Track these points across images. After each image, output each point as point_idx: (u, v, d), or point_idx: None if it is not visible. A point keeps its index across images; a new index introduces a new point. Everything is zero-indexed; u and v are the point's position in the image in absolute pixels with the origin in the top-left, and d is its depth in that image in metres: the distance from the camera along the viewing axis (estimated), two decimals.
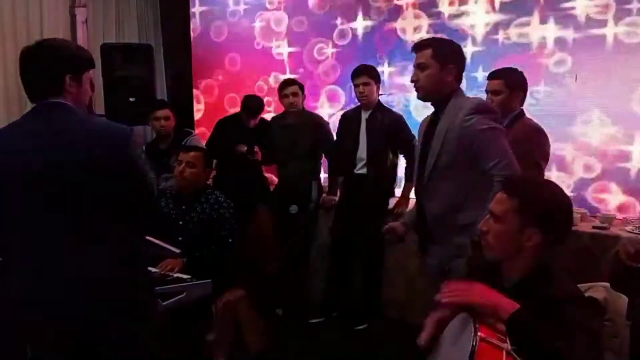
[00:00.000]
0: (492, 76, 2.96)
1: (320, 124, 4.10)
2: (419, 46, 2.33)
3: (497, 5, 3.91)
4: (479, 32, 3.98)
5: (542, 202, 1.56)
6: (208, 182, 3.27)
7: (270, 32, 4.91)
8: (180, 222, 3.06)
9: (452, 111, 2.25)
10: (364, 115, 3.73)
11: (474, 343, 1.33)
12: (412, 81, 2.32)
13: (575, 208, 3.36)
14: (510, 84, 2.88)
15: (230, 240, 3.05)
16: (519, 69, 2.98)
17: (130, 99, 4.42)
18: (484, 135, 2.15)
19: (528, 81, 2.99)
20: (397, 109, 4.08)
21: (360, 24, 4.47)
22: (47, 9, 4.70)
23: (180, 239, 2.99)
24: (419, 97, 2.35)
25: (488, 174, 2.13)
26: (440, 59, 2.25)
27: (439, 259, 2.37)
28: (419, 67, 2.28)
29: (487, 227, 1.63)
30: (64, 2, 4.91)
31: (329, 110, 4.66)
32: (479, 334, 1.35)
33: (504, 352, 1.34)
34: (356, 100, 3.80)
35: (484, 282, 1.54)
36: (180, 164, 3.08)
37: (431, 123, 2.37)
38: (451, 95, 2.29)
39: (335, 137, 4.01)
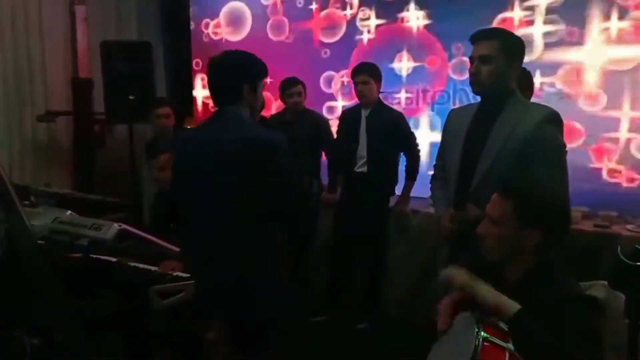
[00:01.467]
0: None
1: (319, 121, 4.09)
2: (483, 36, 2.13)
3: None
4: None
5: (538, 202, 1.54)
6: None
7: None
8: None
9: (515, 113, 2.08)
10: (364, 113, 3.72)
11: (477, 342, 1.32)
12: (471, 74, 2.12)
13: (576, 207, 3.39)
14: (519, 84, 2.82)
15: None
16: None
17: (130, 97, 4.41)
18: (555, 150, 2.03)
19: None
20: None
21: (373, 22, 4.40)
22: (46, 6, 4.69)
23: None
24: (475, 92, 2.17)
25: None
26: (509, 53, 2.09)
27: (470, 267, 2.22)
28: (481, 59, 2.08)
29: (485, 231, 1.60)
30: None
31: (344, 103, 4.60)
32: (482, 333, 1.34)
33: (507, 352, 1.33)
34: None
35: (486, 281, 1.53)
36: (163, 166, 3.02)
37: (478, 122, 2.17)
38: (509, 94, 2.13)
39: (335, 135, 4.00)
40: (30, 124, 4.61)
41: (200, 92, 5.40)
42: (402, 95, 4.25)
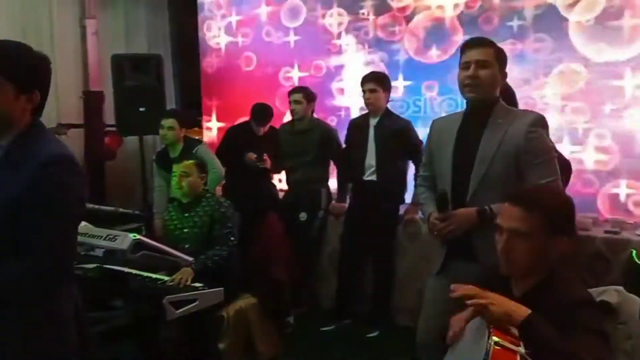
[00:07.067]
0: None
1: (328, 130, 4.12)
2: (479, 43, 2.16)
3: None
4: None
5: (565, 211, 1.56)
6: (206, 188, 3.30)
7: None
8: (185, 230, 3.13)
9: (505, 118, 2.11)
10: (372, 122, 3.74)
11: (488, 347, 1.33)
12: (470, 77, 2.09)
13: (586, 213, 3.40)
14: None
15: (232, 238, 3.06)
16: None
17: (141, 109, 4.46)
18: (549, 153, 2.08)
19: None
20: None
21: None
22: (57, 20, 4.77)
23: (187, 246, 3.04)
24: (472, 97, 2.13)
25: None
26: (500, 62, 2.13)
27: (475, 277, 2.20)
28: (478, 64, 2.09)
29: (509, 246, 1.56)
30: (73, 13, 4.98)
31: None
32: (492, 337, 1.35)
33: (518, 356, 1.34)
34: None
35: (493, 291, 1.53)
36: (175, 176, 3.16)
37: (467, 129, 2.17)
38: (496, 101, 2.16)
39: (344, 144, 4.03)
40: None
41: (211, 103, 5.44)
42: None
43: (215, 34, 5.20)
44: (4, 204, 1.43)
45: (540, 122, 2.10)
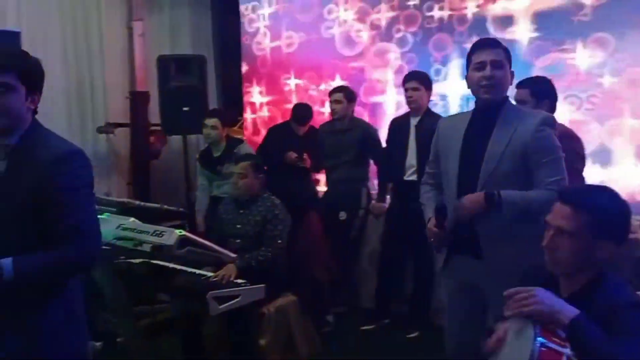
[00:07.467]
0: (518, 85, 2.93)
1: (368, 130, 4.12)
2: (494, 43, 2.19)
3: None
4: None
5: (613, 215, 1.53)
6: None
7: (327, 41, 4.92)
8: (238, 226, 3.18)
9: (514, 116, 2.15)
10: (413, 122, 3.72)
11: (534, 347, 1.32)
12: (486, 77, 2.11)
13: (636, 216, 3.29)
14: (536, 92, 2.85)
15: (279, 241, 3.10)
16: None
17: (184, 109, 4.56)
18: (556, 152, 2.10)
19: None
20: None
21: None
22: (105, 23, 4.94)
23: (237, 241, 3.10)
24: (488, 98, 2.14)
25: (540, 185, 2.08)
26: (508, 62, 2.17)
27: (478, 275, 2.18)
28: (493, 64, 2.11)
29: (555, 243, 1.56)
30: (121, 16, 5.14)
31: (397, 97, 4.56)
32: (539, 338, 1.34)
33: (565, 357, 1.32)
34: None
35: None
36: (232, 175, 3.24)
37: (476, 128, 2.19)
38: (506, 100, 2.21)
39: (384, 144, 4.02)
40: (92, 135, 4.83)
41: (254, 99, 5.49)
42: None
43: (257, 36, 5.27)
44: (22, 199, 1.56)
45: (549, 122, 2.14)
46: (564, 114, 3.46)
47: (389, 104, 4.60)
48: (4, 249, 1.52)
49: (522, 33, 3.93)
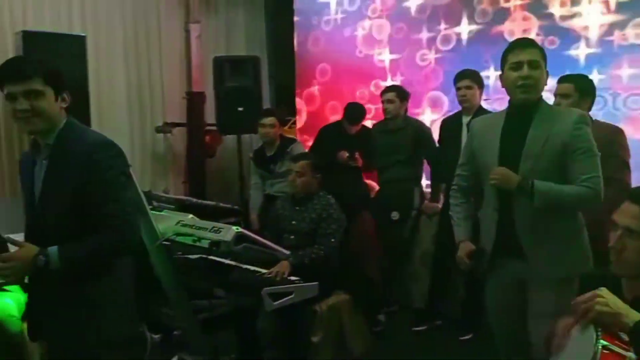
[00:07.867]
0: (562, 80, 2.91)
1: (421, 129, 4.09)
2: (530, 43, 2.20)
3: (612, 5, 3.71)
4: (593, 33, 3.79)
5: None
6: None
7: (372, 40, 4.95)
8: (293, 222, 3.25)
9: (550, 115, 2.15)
10: (465, 121, 3.66)
11: (596, 350, 1.29)
12: (524, 78, 2.10)
13: None
14: (580, 88, 2.83)
15: (333, 240, 3.13)
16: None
17: (239, 109, 4.66)
18: (592, 150, 2.10)
19: None
20: None
21: (465, 28, 4.41)
22: (164, 26, 5.09)
23: (292, 237, 3.18)
24: (525, 99, 2.14)
25: (575, 182, 2.09)
26: (544, 62, 2.16)
27: (524, 272, 2.18)
28: (530, 64, 2.10)
29: (623, 244, 1.53)
30: (179, 19, 5.28)
31: (432, 116, 4.62)
32: (601, 341, 1.31)
33: None
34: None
35: None
36: (291, 173, 3.31)
37: (513, 127, 2.19)
38: (540, 99, 2.19)
39: (437, 143, 3.98)
40: (150, 134, 5.00)
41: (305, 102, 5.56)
42: None
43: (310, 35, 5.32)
44: (66, 192, 1.74)
45: (585, 120, 2.15)
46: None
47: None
48: (53, 240, 1.72)
49: None
